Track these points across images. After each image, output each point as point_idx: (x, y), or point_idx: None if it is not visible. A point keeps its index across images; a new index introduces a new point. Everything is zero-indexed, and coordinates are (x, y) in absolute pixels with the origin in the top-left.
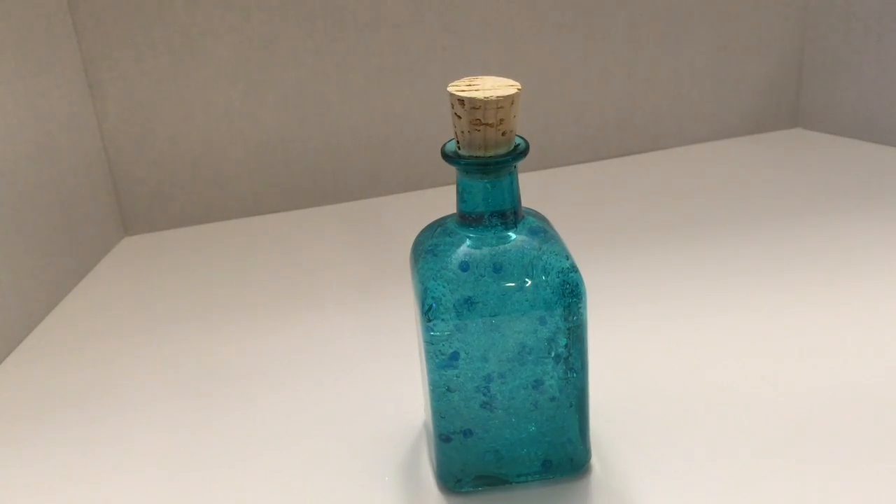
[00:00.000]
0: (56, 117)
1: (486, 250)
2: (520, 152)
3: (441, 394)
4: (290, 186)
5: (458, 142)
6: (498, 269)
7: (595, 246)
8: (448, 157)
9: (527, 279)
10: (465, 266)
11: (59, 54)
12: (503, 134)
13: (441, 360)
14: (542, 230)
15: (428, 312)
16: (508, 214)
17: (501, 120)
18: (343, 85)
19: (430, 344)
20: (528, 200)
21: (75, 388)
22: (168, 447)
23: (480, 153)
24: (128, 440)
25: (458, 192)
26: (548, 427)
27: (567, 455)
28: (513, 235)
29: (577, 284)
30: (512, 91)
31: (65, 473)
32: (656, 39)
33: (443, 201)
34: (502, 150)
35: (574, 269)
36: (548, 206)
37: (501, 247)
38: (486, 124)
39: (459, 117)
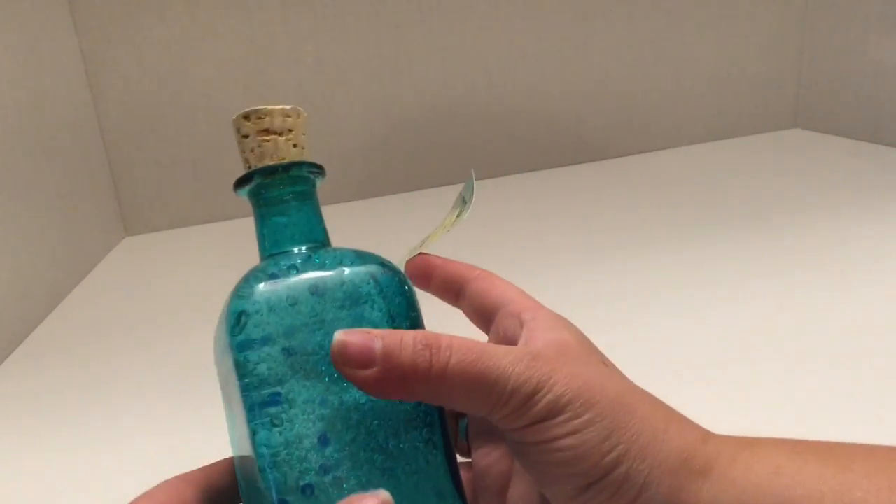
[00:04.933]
0: (57, 117)
1: (297, 277)
2: (317, 164)
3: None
4: None
5: (249, 167)
6: (315, 291)
7: (595, 245)
8: (243, 179)
9: (347, 293)
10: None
11: (60, 54)
12: (294, 146)
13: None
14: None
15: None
16: (318, 248)
17: (290, 130)
18: (343, 85)
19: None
20: (529, 200)
21: (77, 385)
22: (168, 445)
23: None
24: (128, 438)
25: (259, 234)
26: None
27: None
28: (323, 257)
29: (399, 285)
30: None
31: (66, 470)
32: (656, 40)
33: (443, 202)
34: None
35: (391, 269)
36: (548, 206)
37: (314, 271)
38: (276, 133)
39: (247, 136)
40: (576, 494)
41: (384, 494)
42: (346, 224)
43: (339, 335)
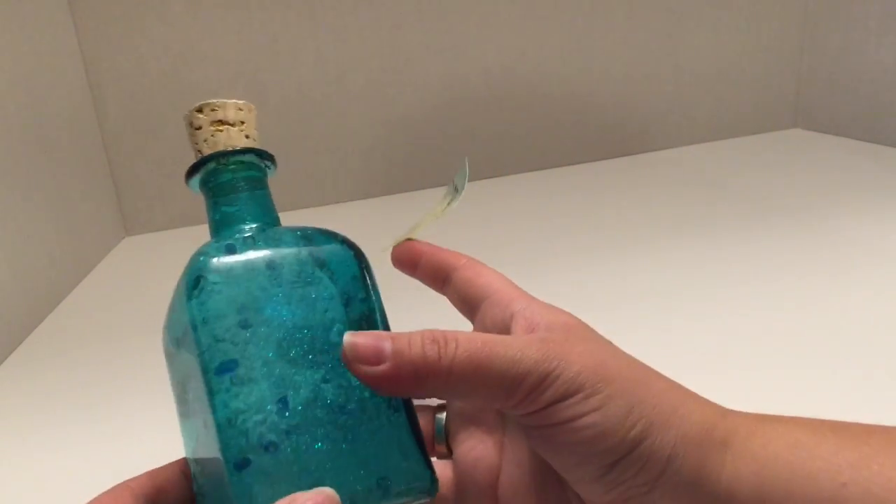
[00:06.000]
0: (57, 118)
1: (253, 252)
2: (269, 153)
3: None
4: (289, 186)
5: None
6: (271, 266)
7: (594, 245)
8: (195, 166)
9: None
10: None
11: (60, 54)
12: (247, 136)
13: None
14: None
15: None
16: (274, 225)
17: (242, 122)
18: (343, 85)
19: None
20: (528, 200)
21: (77, 386)
22: (168, 445)
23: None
24: (128, 438)
25: (211, 221)
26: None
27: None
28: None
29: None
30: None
31: (66, 470)
32: (656, 40)
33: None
34: None
35: (346, 245)
36: (548, 207)
37: (269, 247)
38: (229, 123)
39: (199, 128)
40: (601, 475)
41: (328, 492)
42: (345, 224)
43: (349, 337)
